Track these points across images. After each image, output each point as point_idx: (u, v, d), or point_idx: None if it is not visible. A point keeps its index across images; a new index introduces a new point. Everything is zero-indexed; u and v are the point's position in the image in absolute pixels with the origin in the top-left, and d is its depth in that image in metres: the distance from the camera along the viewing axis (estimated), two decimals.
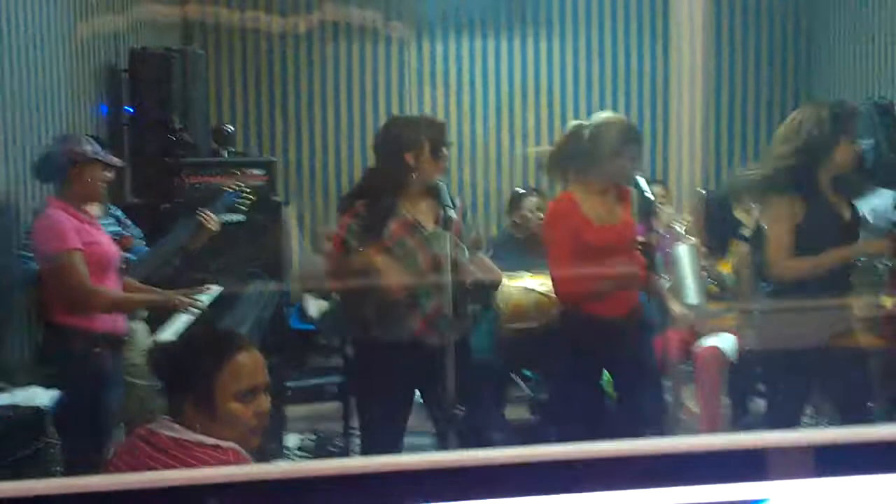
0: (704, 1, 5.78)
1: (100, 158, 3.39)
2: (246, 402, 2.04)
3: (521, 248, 4.73)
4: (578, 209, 3.35)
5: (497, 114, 6.85)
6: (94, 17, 4.84)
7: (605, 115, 3.73)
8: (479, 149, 6.87)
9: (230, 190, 4.22)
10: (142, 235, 4.00)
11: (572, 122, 3.59)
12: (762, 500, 1.03)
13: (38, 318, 3.40)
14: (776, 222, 3.19)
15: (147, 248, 3.89)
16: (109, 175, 3.52)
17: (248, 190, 4.25)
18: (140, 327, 3.74)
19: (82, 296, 3.23)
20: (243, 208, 4.21)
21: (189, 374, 2.04)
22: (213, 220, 3.82)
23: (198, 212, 3.82)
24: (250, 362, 2.06)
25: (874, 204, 4.50)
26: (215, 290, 4.04)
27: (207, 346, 2.10)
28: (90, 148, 3.38)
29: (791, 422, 3.31)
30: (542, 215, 5.09)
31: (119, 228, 3.87)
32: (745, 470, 1.04)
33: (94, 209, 3.67)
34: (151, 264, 3.77)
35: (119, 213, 3.97)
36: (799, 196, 3.16)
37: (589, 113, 6.80)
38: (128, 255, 3.77)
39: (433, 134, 3.24)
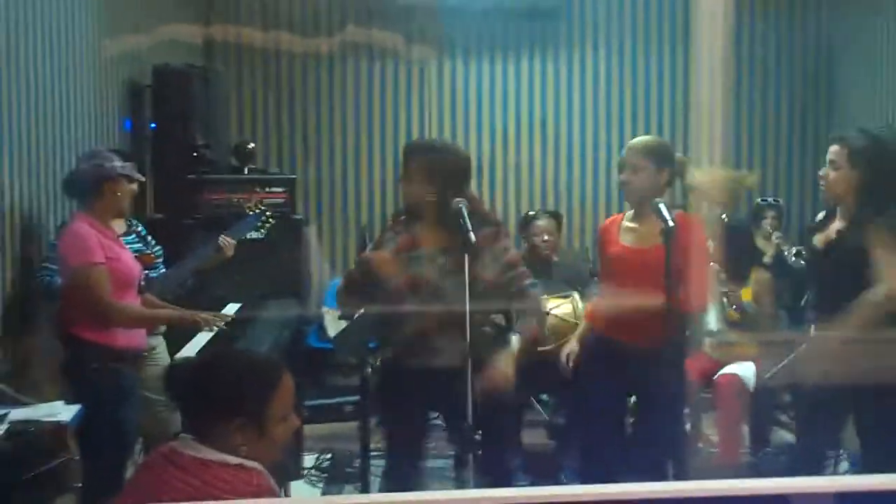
0: (726, 27, 5.77)
1: (126, 174, 3.43)
2: (286, 422, 2.08)
3: (535, 272, 4.71)
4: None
5: (517, 136, 6.86)
6: (119, 35, 4.88)
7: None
8: (498, 170, 6.87)
9: (252, 213, 4.26)
10: (161, 253, 4.02)
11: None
12: None
13: (60, 333, 3.42)
14: None
15: (164, 269, 3.91)
16: (134, 189, 3.58)
17: (270, 213, 4.29)
18: (159, 343, 3.76)
19: (103, 310, 3.25)
20: (263, 231, 4.25)
21: (237, 397, 2.03)
22: (230, 246, 3.87)
23: (221, 238, 3.91)
24: (291, 385, 2.11)
25: None
26: (234, 307, 4.06)
27: (259, 369, 2.09)
28: (118, 164, 3.42)
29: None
30: (547, 238, 5.00)
31: (141, 245, 3.89)
32: None
33: (119, 225, 3.73)
34: (168, 284, 3.84)
35: (142, 229, 4.00)
36: None
37: (608, 137, 6.87)
38: (148, 272, 3.80)
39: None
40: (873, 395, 3.19)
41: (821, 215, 3.57)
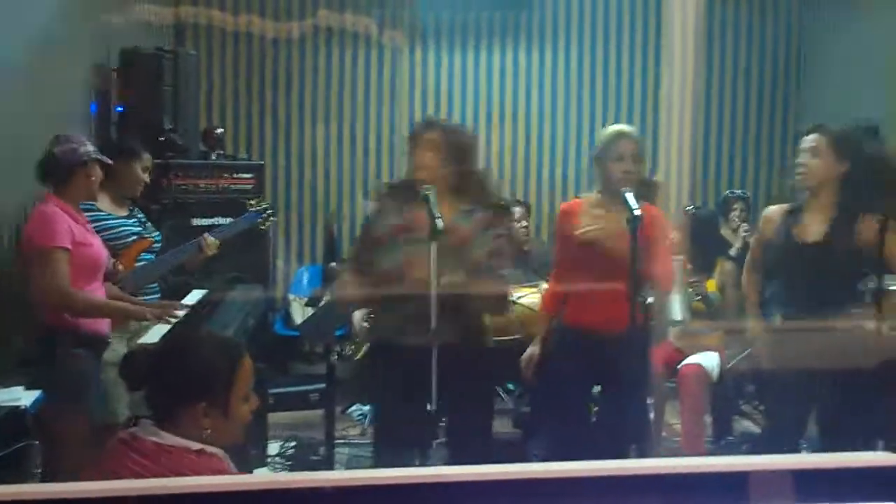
0: (697, 18, 5.80)
1: (99, 158, 3.41)
2: (248, 402, 2.10)
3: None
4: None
5: (487, 124, 6.87)
6: (86, 16, 4.81)
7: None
8: None
9: (253, 210, 4.25)
10: (160, 238, 4.03)
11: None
12: None
13: (23, 317, 3.38)
14: None
15: (151, 261, 3.94)
16: (146, 177, 3.87)
17: (272, 209, 4.27)
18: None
19: (58, 296, 3.22)
20: (264, 228, 4.24)
21: (201, 379, 2.04)
22: (212, 246, 3.91)
23: (203, 236, 3.94)
24: (250, 364, 2.12)
25: None
26: (198, 294, 4.04)
27: (221, 351, 2.10)
28: (91, 149, 3.40)
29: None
30: (526, 225, 5.10)
31: (140, 229, 3.93)
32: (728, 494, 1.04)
33: (119, 210, 3.87)
34: (150, 277, 3.88)
35: (142, 215, 4.00)
36: None
37: (580, 125, 6.90)
38: (146, 256, 3.80)
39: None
40: (840, 388, 3.23)
41: (779, 207, 3.58)
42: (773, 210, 3.55)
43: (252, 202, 4.35)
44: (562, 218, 3.63)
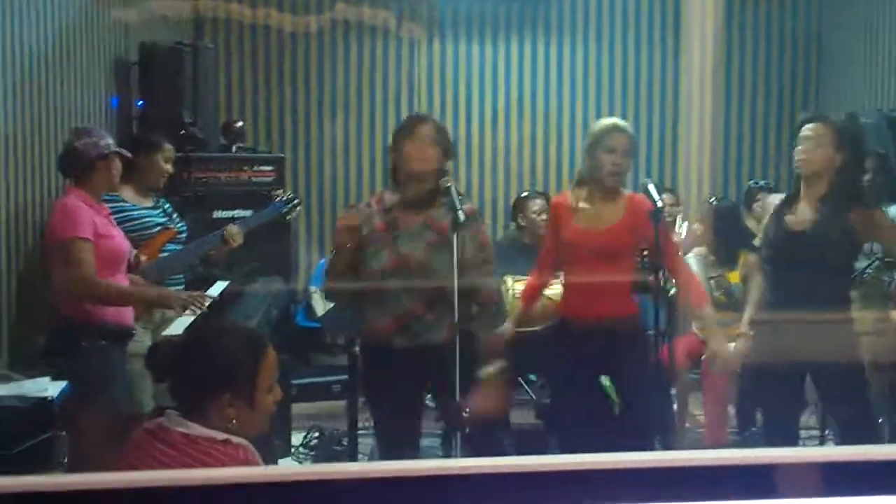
0: (716, 9, 5.76)
1: (119, 152, 3.44)
2: (272, 392, 2.12)
3: (527, 252, 4.72)
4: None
5: (506, 116, 6.85)
6: (106, 11, 4.84)
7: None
8: (487, 151, 6.87)
9: (279, 199, 4.26)
10: (185, 229, 4.06)
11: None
12: None
13: (49, 309, 3.41)
14: None
15: (176, 250, 3.96)
16: (168, 168, 3.92)
17: (297, 199, 4.28)
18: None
19: (84, 285, 3.25)
20: (290, 217, 4.25)
21: (227, 370, 2.05)
22: (237, 237, 3.91)
23: (225, 230, 3.94)
24: (274, 354, 2.13)
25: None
26: (221, 285, 4.06)
27: (246, 342, 2.11)
28: (111, 142, 3.43)
29: None
30: (545, 217, 5.09)
31: (165, 220, 3.97)
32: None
33: (145, 200, 3.90)
34: (174, 267, 3.90)
35: (168, 205, 4.02)
36: None
37: (598, 117, 6.84)
38: (171, 246, 3.84)
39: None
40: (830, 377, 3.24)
41: (777, 196, 3.57)
42: (773, 199, 3.56)
43: (278, 192, 4.35)
44: (554, 211, 3.65)
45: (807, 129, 3.37)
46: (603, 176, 3.42)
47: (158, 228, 3.90)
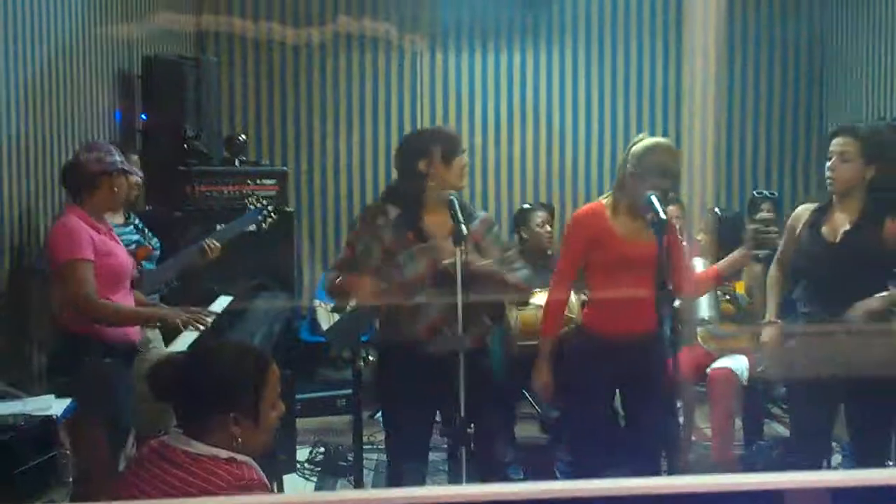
0: (718, 17, 5.75)
1: (125, 169, 3.39)
2: (276, 409, 2.12)
3: (530, 264, 4.71)
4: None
5: (509, 126, 6.84)
6: (110, 24, 4.84)
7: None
8: (490, 162, 6.86)
9: (253, 207, 4.23)
10: (159, 246, 4.00)
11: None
12: None
13: (51, 326, 3.39)
14: None
15: (154, 267, 3.92)
16: (138, 181, 3.74)
17: (272, 207, 4.25)
18: (155, 336, 3.74)
19: (86, 307, 3.21)
20: (264, 226, 4.22)
21: (230, 389, 2.05)
22: (215, 249, 3.86)
23: (205, 241, 3.87)
24: (277, 371, 2.14)
25: None
26: (225, 300, 4.04)
27: (248, 361, 2.11)
28: (118, 159, 3.38)
29: None
30: (549, 230, 5.10)
31: (139, 237, 3.90)
32: None
33: (116, 217, 3.77)
34: (153, 283, 3.83)
35: (139, 222, 3.99)
36: None
37: (601, 127, 6.86)
38: (146, 264, 3.80)
39: (444, 142, 3.26)
40: (867, 389, 3.20)
41: (809, 206, 3.55)
42: (803, 209, 3.53)
43: (250, 200, 4.32)
44: (584, 222, 3.52)
45: (834, 144, 3.36)
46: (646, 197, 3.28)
47: (132, 246, 3.81)
